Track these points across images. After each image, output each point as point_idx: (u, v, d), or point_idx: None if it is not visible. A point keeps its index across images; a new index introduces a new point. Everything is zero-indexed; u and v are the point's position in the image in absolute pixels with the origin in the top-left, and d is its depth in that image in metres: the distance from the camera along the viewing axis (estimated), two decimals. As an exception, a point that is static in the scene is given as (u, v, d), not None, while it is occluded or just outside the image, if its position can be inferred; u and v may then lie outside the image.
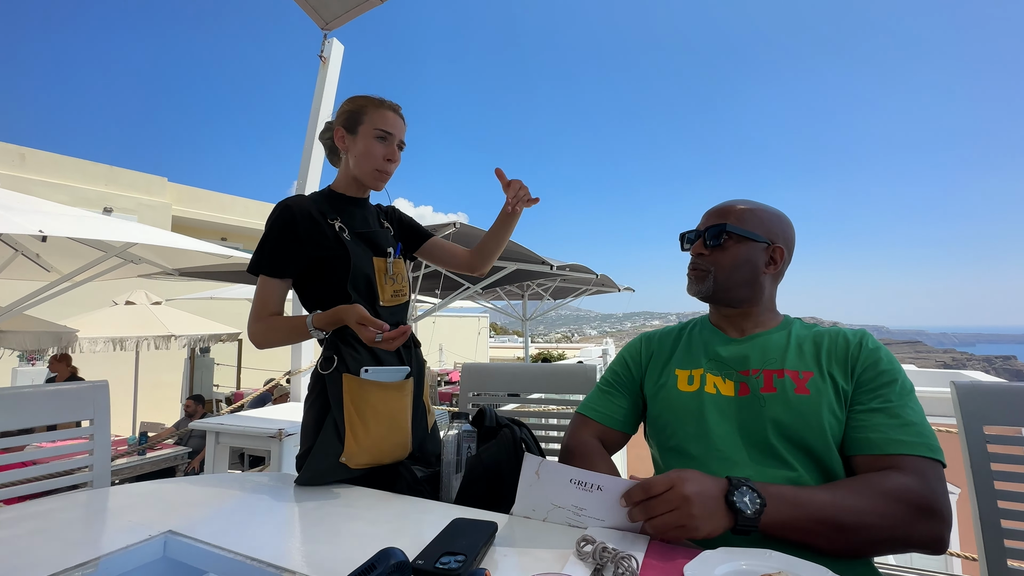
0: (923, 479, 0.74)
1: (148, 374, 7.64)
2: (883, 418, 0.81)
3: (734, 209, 0.97)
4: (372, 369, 1.10)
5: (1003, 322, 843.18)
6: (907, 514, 0.71)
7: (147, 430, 5.25)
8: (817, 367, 0.87)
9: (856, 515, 0.70)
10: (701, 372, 0.95)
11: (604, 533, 0.73)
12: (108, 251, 3.56)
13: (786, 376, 0.87)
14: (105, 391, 1.19)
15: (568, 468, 0.76)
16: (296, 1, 2.56)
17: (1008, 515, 0.96)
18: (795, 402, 0.84)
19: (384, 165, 1.19)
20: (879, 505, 0.71)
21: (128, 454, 4.44)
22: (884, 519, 0.70)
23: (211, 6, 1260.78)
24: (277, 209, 1.15)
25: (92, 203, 10.52)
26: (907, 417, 0.80)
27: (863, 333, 0.92)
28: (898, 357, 0.94)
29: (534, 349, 20.82)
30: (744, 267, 0.95)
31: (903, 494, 0.72)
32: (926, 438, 0.78)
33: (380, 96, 1.23)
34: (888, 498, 0.72)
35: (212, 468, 2.11)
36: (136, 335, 5.64)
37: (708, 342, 0.99)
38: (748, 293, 0.96)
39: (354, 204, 1.25)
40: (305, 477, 1.05)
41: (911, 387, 0.85)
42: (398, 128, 1.20)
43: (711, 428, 0.88)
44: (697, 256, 0.99)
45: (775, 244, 0.96)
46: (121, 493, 1.00)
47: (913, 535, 0.71)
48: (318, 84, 2.80)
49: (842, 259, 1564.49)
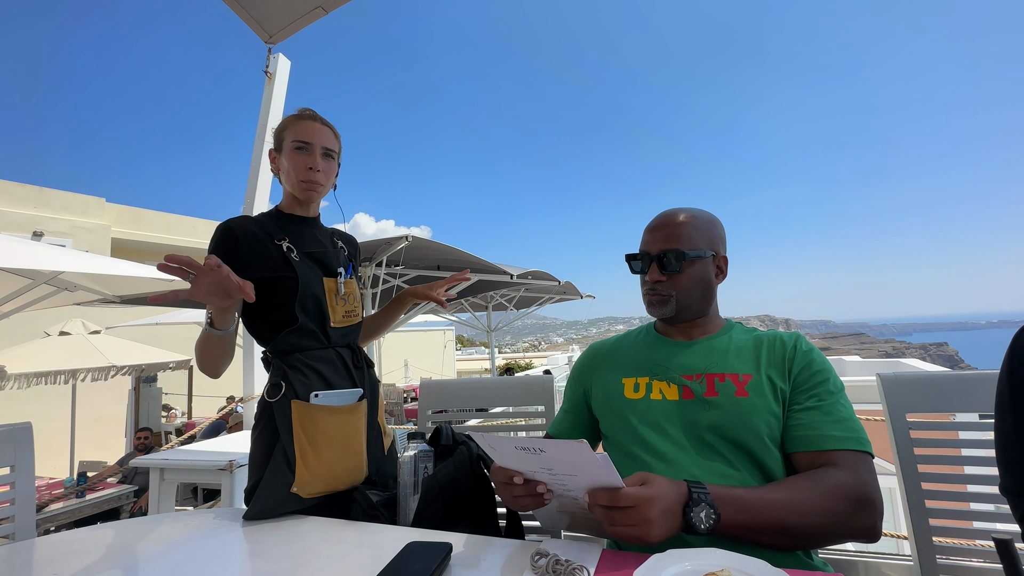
0: (856, 472, 0.79)
1: (87, 408, 7.10)
2: (817, 416, 0.86)
3: (679, 227, 0.99)
4: (322, 394, 1.08)
5: (935, 311, 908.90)
6: (845, 508, 0.76)
7: (87, 470, 4.87)
8: (756, 370, 0.92)
9: (800, 515, 0.75)
10: (647, 380, 0.98)
11: (558, 545, 0.74)
12: (36, 279, 3.31)
13: (727, 380, 0.91)
14: (28, 433, 1.10)
15: (509, 439, 0.75)
16: (239, 14, 2.49)
17: (932, 495, 1.04)
18: (735, 405, 0.88)
19: (306, 174, 1.16)
20: (821, 502, 0.76)
21: (64, 497, 4.10)
22: (826, 516, 0.75)
23: (152, 17, 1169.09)
24: (219, 230, 1.11)
25: (21, 227, 9.78)
26: (839, 414, 0.85)
27: (797, 336, 0.97)
28: (843, 349, 1.00)
29: (501, 359, 20.78)
30: (700, 284, 0.99)
31: (841, 489, 0.77)
32: (856, 432, 0.83)
33: (310, 108, 1.23)
34: (828, 495, 0.76)
35: (157, 508, 1.97)
36: (71, 367, 5.24)
37: (653, 349, 1.02)
38: (705, 306, 1.01)
39: (302, 223, 1.22)
40: (255, 511, 1.01)
41: (841, 385, 0.91)
42: (317, 136, 1.17)
43: (657, 433, 0.91)
44: (656, 283, 1.00)
45: (720, 254, 1.02)
46: (47, 544, 0.92)
47: (851, 527, 0.76)
48: (264, 100, 2.73)
49: (791, 259, 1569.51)
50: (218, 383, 9.32)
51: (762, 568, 0.62)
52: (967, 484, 1.04)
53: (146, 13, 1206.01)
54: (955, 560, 1.02)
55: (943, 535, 1.02)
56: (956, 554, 1.02)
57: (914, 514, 1.03)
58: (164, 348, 6.74)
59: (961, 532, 1.02)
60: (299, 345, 1.12)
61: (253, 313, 1.14)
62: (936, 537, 1.01)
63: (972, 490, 1.03)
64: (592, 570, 0.67)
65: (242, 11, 2.41)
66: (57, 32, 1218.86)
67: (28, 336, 6.16)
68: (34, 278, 3.30)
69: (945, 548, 1.01)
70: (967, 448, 1.08)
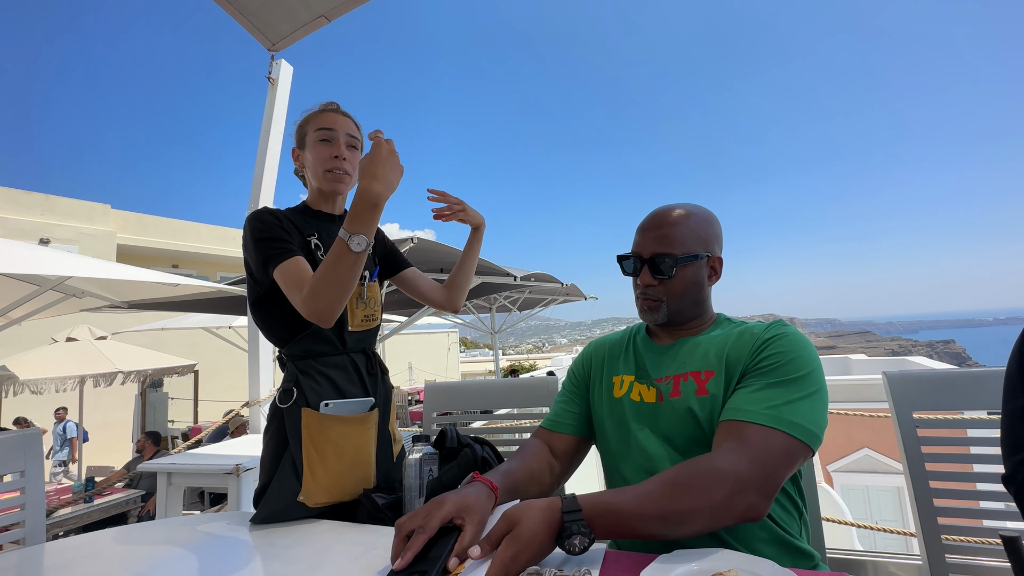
0: (747, 446, 0.73)
1: (94, 414, 7.16)
2: (744, 393, 0.80)
3: (673, 227, 0.95)
4: (333, 403, 1.06)
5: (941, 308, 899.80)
6: (720, 490, 0.70)
7: (94, 475, 4.90)
8: (719, 364, 0.88)
9: (674, 502, 0.69)
10: (631, 380, 0.97)
11: (550, 560, 0.72)
12: (43, 285, 3.34)
13: (690, 379, 0.89)
14: (37, 440, 1.11)
15: None
16: (241, 23, 2.51)
17: (940, 494, 1.03)
18: (695, 404, 0.86)
19: (332, 163, 1.13)
20: (694, 488, 0.70)
21: (73, 502, 4.12)
22: (701, 499, 0.69)
23: (153, 23, 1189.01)
24: (256, 213, 1.08)
25: (28, 235, 9.87)
26: (769, 392, 0.78)
27: (775, 324, 0.91)
28: (849, 347, 0.98)
29: (505, 361, 20.77)
30: (692, 289, 0.96)
31: (716, 472, 0.71)
32: (778, 411, 0.76)
33: (333, 102, 1.20)
34: (703, 478, 0.71)
35: (164, 512, 1.98)
36: (78, 373, 5.28)
37: (640, 350, 1.01)
38: (698, 310, 0.98)
39: (330, 221, 1.19)
40: (261, 516, 1.01)
41: (810, 374, 0.81)
42: (339, 124, 1.14)
43: (632, 434, 0.92)
44: (647, 288, 0.96)
45: (714, 255, 0.98)
46: (57, 549, 0.93)
47: (733, 508, 0.70)
48: (267, 105, 2.74)
49: (796, 257, 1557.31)
50: (225, 388, 9.36)
51: (769, 568, 0.62)
52: (976, 482, 1.03)
53: (147, 19, 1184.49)
54: (964, 559, 1.01)
55: (952, 533, 1.01)
56: (965, 552, 1.01)
57: (922, 512, 1.02)
58: (170, 353, 6.79)
59: (970, 530, 1.01)
60: (313, 351, 1.10)
61: (272, 313, 1.10)
62: (945, 535, 1.01)
63: (981, 488, 1.02)
64: (596, 572, 0.67)
65: (244, 20, 2.43)
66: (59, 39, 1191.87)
67: (36, 342, 6.23)
68: (41, 284, 3.33)
69: (954, 546, 1.01)
70: (976, 446, 1.07)
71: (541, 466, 0.97)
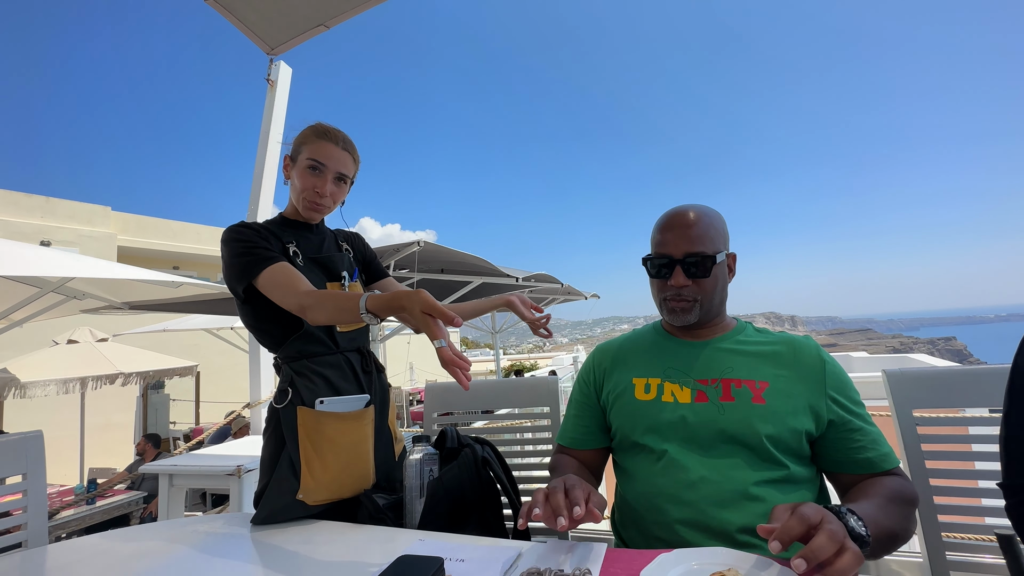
0: (909, 481, 0.87)
1: (96, 416, 7.16)
2: (868, 435, 0.89)
3: (698, 227, 0.95)
4: (328, 400, 1.07)
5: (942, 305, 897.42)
6: (911, 513, 0.84)
7: (96, 476, 4.90)
8: (775, 377, 0.91)
9: (898, 522, 0.79)
10: (659, 381, 0.97)
11: (563, 546, 0.74)
12: (44, 287, 3.34)
13: (744, 386, 0.90)
14: (39, 442, 1.11)
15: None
16: (241, 30, 2.51)
17: (940, 492, 1.03)
18: (751, 411, 0.87)
19: (312, 196, 1.15)
20: (904, 510, 0.82)
21: (75, 504, 4.13)
22: (907, 521, 0.82)
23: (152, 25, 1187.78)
24: (235, 230, 1.11)
25: (28, 237, 9.87)
26: (875, 428, 0.91)
27: (817, 346, 0.95)
28: (850, 345, 1.01)
29: (506, 361, 20.74)
30: (720, 287, 0.98)
31: (912, 496, 0.84)
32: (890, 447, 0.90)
33: (335, 126, 1.19)
34: (909, 503, 0.83)
35: (167, 514, 1.99)
36: (80, 375, 5.28)
37: (664, 349, 1.01)
38: (723, 308, 1.00)
39: (307, 229, 1.22)
40: (261, 516, 1.01)
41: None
42: (334, 160, 1.15)
43: (666, 434, 0.91)
44: (682, 288, 0.95)
45: (729, 252, 1.00)
46: (59, 551, 0.93)
47: (911, 530, 0.83)
48: (266, 107, 2.75)
49: (796, 255, 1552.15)
50: (226, 390, 9.36)
51: (769, 566, 0.62)
52: (977, 480, 1.03)
53: (147, 21, 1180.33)
54: (965, 556, 1.01)
55: (952, 531, 1.01)
56: (966, 550, 1.01)
57: (922, 511, 1.02)
58: (171, 355, 6.78)
59: (971, 528, 1.01)
60: (306, 351, 1.12)
61: (261, 316, 1.13)
62: (945, 533, 1.01)
63: (982, 486, 1.02)
64: (597, 571, 0.67)
65: (244, 27, 2.43)
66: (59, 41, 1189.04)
67: (37, 345, 6.23)
68: (41, 286, 3.34)
69: (954, 544, 1.01)
70: (977, 444, 1.07)
71: (586, 475, 1.02)
